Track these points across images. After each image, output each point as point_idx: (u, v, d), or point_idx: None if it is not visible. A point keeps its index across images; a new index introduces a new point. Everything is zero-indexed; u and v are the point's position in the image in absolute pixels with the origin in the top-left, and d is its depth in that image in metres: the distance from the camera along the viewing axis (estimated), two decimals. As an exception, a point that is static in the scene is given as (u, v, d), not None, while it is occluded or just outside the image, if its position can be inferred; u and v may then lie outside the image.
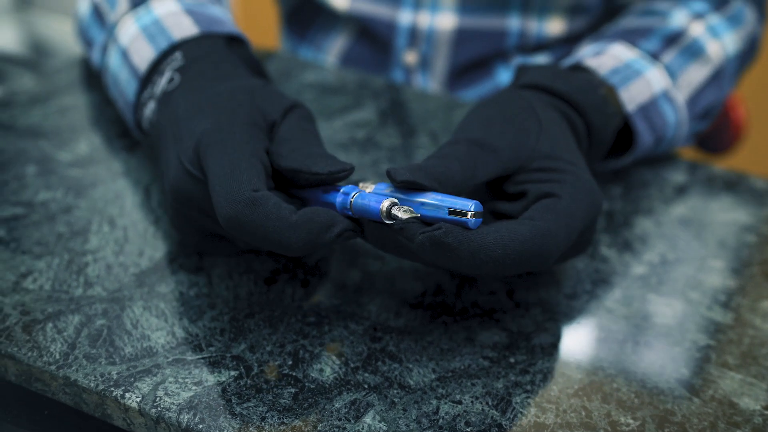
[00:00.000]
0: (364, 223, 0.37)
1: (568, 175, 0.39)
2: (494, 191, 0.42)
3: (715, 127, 0.78)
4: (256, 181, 0.35)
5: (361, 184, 0.39)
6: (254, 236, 0.35)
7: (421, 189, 0.36)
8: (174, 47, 0.45)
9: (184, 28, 0.46)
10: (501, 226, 0.36)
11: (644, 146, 0.50)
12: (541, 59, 0.66)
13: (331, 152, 0.52)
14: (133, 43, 0.47)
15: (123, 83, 0.47)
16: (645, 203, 0.51)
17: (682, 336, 0.41)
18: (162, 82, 0.43)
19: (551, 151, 0.40)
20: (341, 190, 0.37)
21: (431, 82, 0.66)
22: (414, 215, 0.35)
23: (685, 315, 0.42)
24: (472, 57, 0.65)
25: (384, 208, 0.36)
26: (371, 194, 0.37)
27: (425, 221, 0.36)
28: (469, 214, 0.35)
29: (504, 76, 0.66)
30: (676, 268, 0.46)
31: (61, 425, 0.39)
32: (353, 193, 0.37)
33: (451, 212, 0.35)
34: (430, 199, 0.36)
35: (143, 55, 0.46)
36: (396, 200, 0.36)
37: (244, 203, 0.34)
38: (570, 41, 0.67)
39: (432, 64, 0.66)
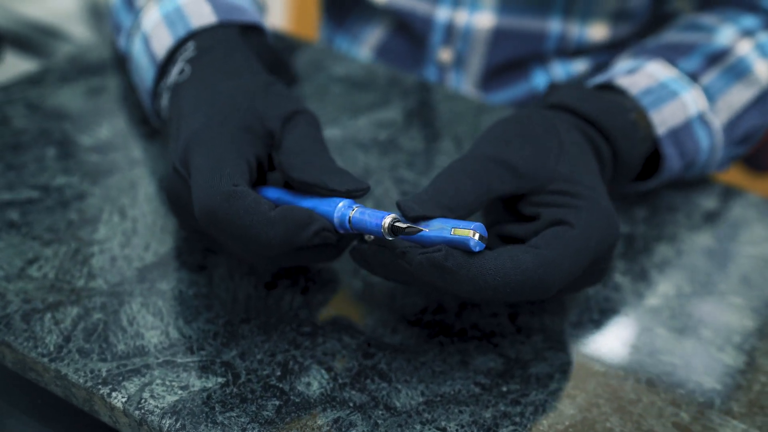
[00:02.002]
0: (363, 250, 0.37)
1: (584, 201, 0.38)
2: (507, 211, 0.41)
3: (764, 144, 0.74)
4: (238, 178, 0.35)
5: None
6: (231, 231, 0.35)
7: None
8: (192, 35, 0.45)
9: (204, 15, 0.46)
10: (504, 252, 0.35)
11: (672, 171, 0.48)
12: (580, 65, 0.64)
13: (352, 153, 0.52)
14: (155, 30, 0.47)
15: (143, 70, 0.47)
16: (669, 229, 0.49)
17: (687, 376, 0.40)
18: (174, 72, 0.43)
19: (570, 174, 0.39)
20: (339, 205, 0.37)
21: (465, 82, 0.65)
22: (418, 229, 0.35)
23: (693, 354, 0.41)
24: (509, 58, 0.63)
25: (386, 225, 0.35)
26: (371, 210, 0.36)
27: (427, 244, 0.35)
28: (472, 233, 0.34)
29: (540, 78, 0.64)
30: (692, 302, 0.44)
31: (56, 413, 0.40)
32: (353, 209, 0.36)
33: (455, 233, 0.34)
34: (434, 223, 0.35)
35: (162, 43, 0.46)
36: (397, 216, 0.35)
37: (223, 196, 0.34)
38: (612, 48, 0.64)
39: (467, 63, 0.64)
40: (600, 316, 0.42)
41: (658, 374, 0.39)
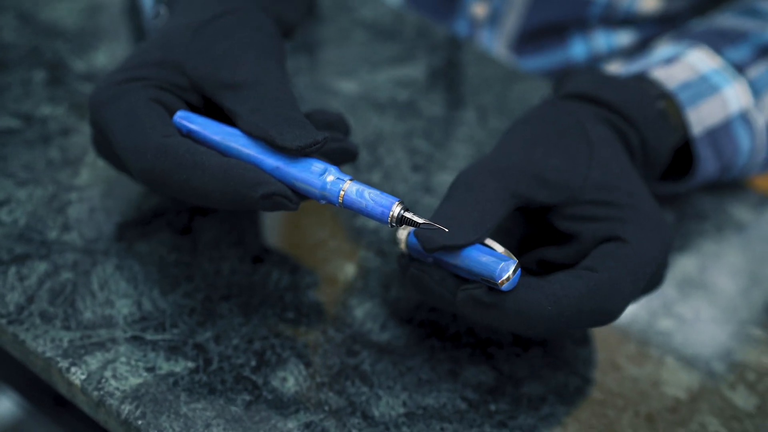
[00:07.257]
0: (400, 261, 0.34)
1: (629, 210, 0.34)
2: (537, 223, 0.37)
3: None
4: (162, 127, 0.32)
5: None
6: (172, 188, 0.31)
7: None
8: None
9: None
10: (553, 279, 0.32)
11: (705, 174, 0.44)
12: (625, 37, 0.59)
13: (365, 113, 0.48)
14: None
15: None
16: (694, 240, 0.45)
17: (690, 415, 0.37)
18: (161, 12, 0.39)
19: (605, 180, 0.35)
20: (327, 173, 0.31)
21: (497, 42, 0.60)
22: (427, 222, 0.31)
23: (701, 389, 0.38)
24: (548, 20, 0.58)
25: (395, 214, 0.31)
26: (372, 190, 0.31)
27: (459, 273, 0.33)
28: (500, 282, 0.31)
29: (578, 48, 0.59)
30: (708, 328, 0.41)
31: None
32: (345, 182, 0.31)
33: (483, 280, 0.31)
34: (459, 261, 0.32)
35: None
36: (403, 203, 0.31)
37: (153, 153, 0.31)
38: (663, 22, 0.59)
39: (502, 21, 0.59)
40: (606, 334, 0.39)
41: (659, 409, 0.37)
